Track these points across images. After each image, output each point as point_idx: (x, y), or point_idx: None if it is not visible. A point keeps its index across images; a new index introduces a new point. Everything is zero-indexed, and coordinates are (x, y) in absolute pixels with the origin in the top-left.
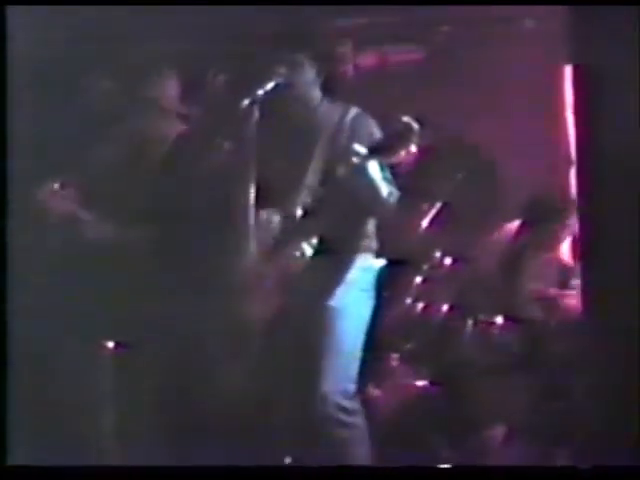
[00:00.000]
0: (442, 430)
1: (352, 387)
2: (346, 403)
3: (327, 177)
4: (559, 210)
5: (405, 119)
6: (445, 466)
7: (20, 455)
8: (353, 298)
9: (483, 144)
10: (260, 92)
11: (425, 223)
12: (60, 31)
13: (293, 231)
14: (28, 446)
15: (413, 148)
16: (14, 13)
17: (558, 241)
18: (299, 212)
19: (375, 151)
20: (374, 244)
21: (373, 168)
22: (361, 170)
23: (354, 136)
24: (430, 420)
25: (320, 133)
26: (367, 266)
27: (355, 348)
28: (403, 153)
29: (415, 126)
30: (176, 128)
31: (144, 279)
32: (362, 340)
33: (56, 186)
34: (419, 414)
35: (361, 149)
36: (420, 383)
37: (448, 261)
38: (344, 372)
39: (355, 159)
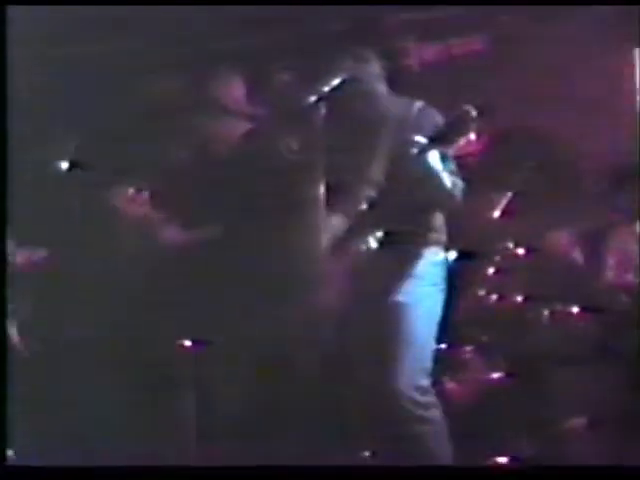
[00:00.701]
0: (519, 422)
1: (426, 382)
2: (421, 398)
3: (392, 170)
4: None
5: (463, 107)
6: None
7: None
8: (424, 293)
9: (552, 131)
10: (326, 88)
11: (496, 213)
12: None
13: (360, 225)
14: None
15: (472, 136)
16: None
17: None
18: (365, 206)
19: (435, 140)
20: (443, 237)
21: (434, 159)
22: (422, 161)
23: (418, 129)
24: (506, 412)
25: (386, 127)
26: (437, 260)
27: (428, 342)
28: (463, 141)
29: (473, 113)
30: (242, 127)
31: (218, 277)
32: (435, 334)
33: (131, 191)
34: (495, 406)
35: (421, 139)
36: (495, 375)
37: (521, 251)
38: (418, 367)
39: (416, 150)
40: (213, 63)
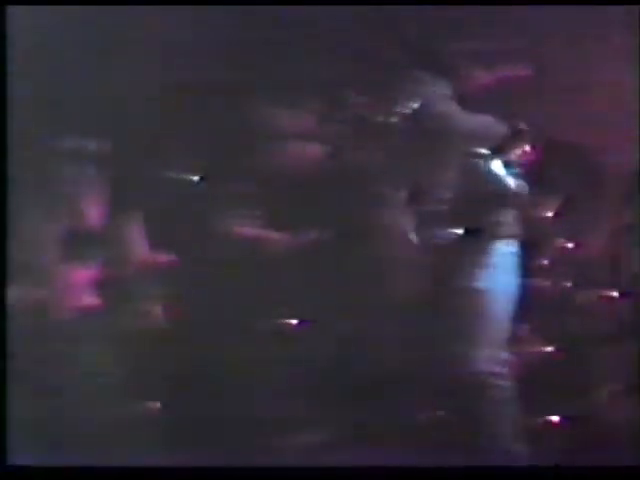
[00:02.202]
0: (567, 389)
1: (500, 354)
2: (496, 369)
3: (464, 176)
4: None
5: (519, 125)
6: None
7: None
8: (497, 280)
9: (594, 145)
10: (400, 109)
11: (550, 213)
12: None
13: (440, 223)
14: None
15: (527, 147)
16: (14, 13)
17: None
18: (444, 207)
19: (497, 151)
20: (512, 231)
21: (497, 165)
22: (488, 168)
23: (485, 139)
24: (556, 380)
25: (456, 140)
26: (507, 251)
27: (502, 321)
28: (520, 152)
29: (526, 129)
30: (325, 147)
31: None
32: (507, 314)
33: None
34: (547, 376)
35: (485, 150)
36: (548, 349)
37: (570, 245)
38: (494, 342)
39: (482, 159)
40: (293, 90)
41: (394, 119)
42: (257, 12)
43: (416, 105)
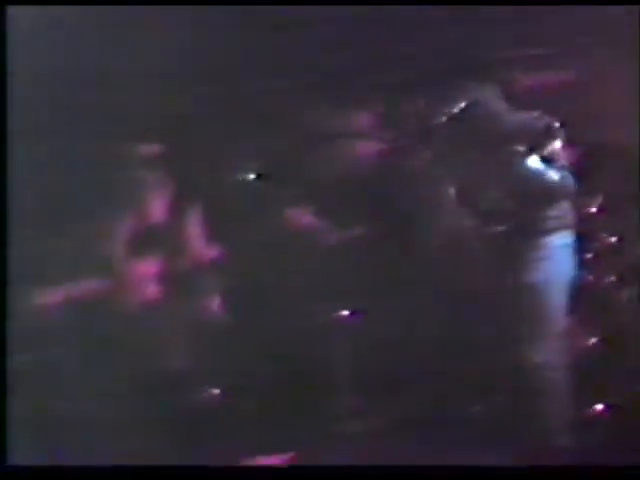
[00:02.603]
0: (609, 378)
1: (553, 345)
2: (548, 360)
3: (513, 172)
4: None
5: (561, 124)
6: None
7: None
8: (549, 272)
9: (633, 144)
10: (452, 111)
11: (594, 209)
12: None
13: (492, 219)
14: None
15: (558, 143)
16: (14, 13)
17: None
18: (494, 205)
19: (534, 148)
20: (565, 223)
21: (540, 161)
22: (533, 166)
23: (528, 139)
24: (599, 370)
25: (505, 138)
26: (560, 243)
27: (554, 313)
28: (553, 148)
29: (556, 125)
30: (379, 147)
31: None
32: (561, 306)
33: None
34: (589, 365)
35: (523, 147)
36: (591, 341)
37: (613, 240)
38: (545, 334)
39: (525, 155)
40: (352, 94)
41: (443, 120)
42: (313, 14)
43: (464, 107)
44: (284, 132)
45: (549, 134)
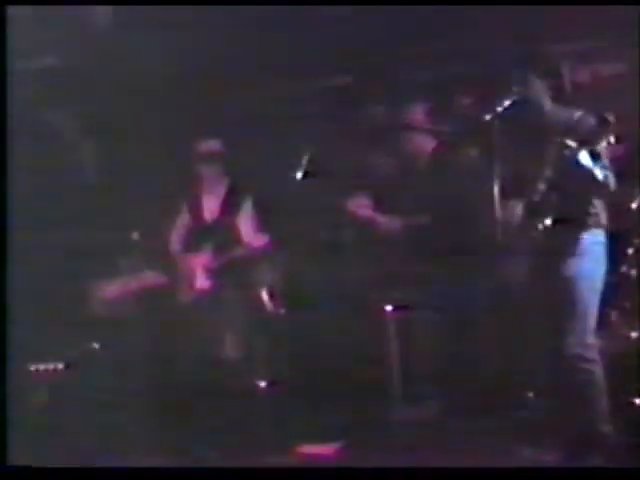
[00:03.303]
0: None
1: (591, 340)
2: (586, 353)
3: (557, 168)
4: None
5: (608, 119)
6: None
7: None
8: (587, 268)
9: None
10: (500, 108)
11: (634, 205)
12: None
13: (533, 214)
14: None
15: (612, 138)
16: (14, 13)
17: None
18: (537, 197)
19: (584, 142)
20: (602, 221)
21: (585, 157)
22: (576, 159)
23: (577, 133)
24: None
25: (551, 133)
26: (597, 240)
27: (591, 308)
28: (605, 142)
29: (611, 119)
30: (431, 142)
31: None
32: (596, 301)
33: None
34: (631, 358)
35: (573, 143)
36: (634, 334)
37: None
38: (584, 328)
39: (570, 151)
40: (407, 92)
41: (494, 116)
42: (365, 14)
43: (514, 102)
44: (347, 126)
45: (598, 130)
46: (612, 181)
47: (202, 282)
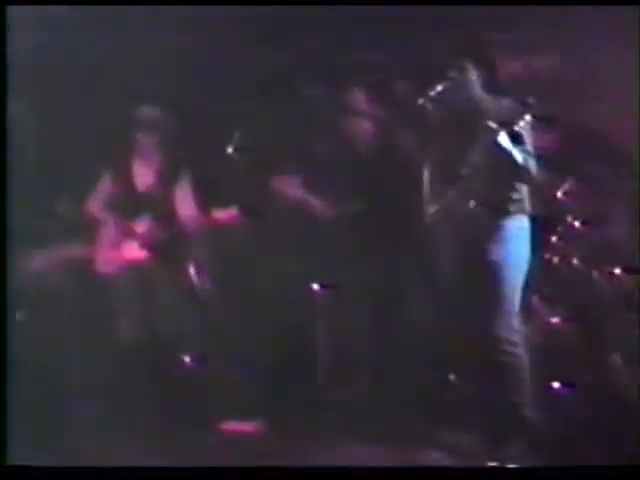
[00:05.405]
0: (573, 356)
1: (515, 323)
2: (511, 336)
3: (482, 153)
4: None
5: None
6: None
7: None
8: (511, 253)
9: (611, 131)
10: (434, 92)
11: (559, 194)
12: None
13: (460, 197)
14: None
15: (528, 118)
16: (14, 13)
17: None
18: (463, 183)
19: (503, 124)
20: (526, 207)
21: (504, 139)
22: (496, 142)
23: (505, 123)
24: (563, 348)
25: (480, 120)
26: (520, 226)
27: (515, 292)
28: (522, 123)
29: (531, 101)
30: (368, 125)
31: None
32: (520, 286)
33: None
34: (555, 344)
35: (494, 124)
36: (555, 320)
37: (577, 224)
38: (509, 312)
39: (491, 134)
40: (346, 75)
41: (426, 100)
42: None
43: (444, 88)
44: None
45: (519, 113)
46: (533, 165)
47: (134, 252)
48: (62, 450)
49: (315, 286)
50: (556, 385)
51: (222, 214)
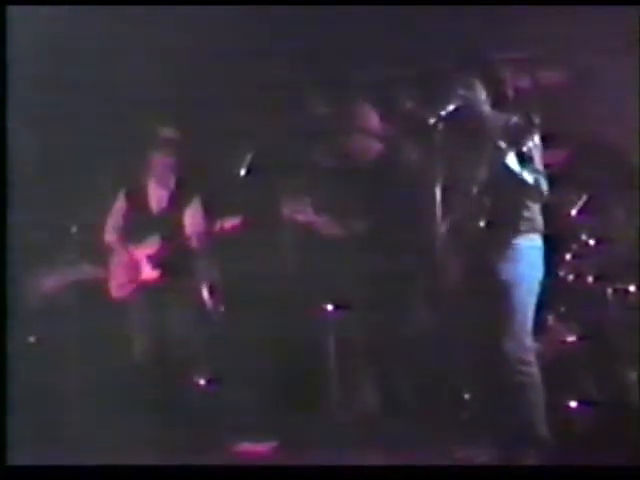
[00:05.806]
0: (589, 374)
1: (529, 342)
2: (523, 356)
3: (491, 171)
4: None
5: (530, 116)
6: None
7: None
8: (523, 271)
9: (620, 144)
10: (443, 112)
11: (574, 212)
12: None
13: (471, 216)
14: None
15: (537, 139)
16: (14, 13)
17: None
18: (474, 201)
19: (512, 144)
20: (538, 226)
21: (512, 160)
22: (505, 162)
23: (511, 138)
24: (579, 366)
25: (489, 138)
26: (532, 244)
27: (528, 311)
28: (530, 143)
29: (535, 120)
30: (376, 144)
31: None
32: (533, 305)
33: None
34: (570, 363)
35: (503, 144)
36: (571, 338)
37: (592, 242)
38: (521, 331)
39: (500, 154)
40: (353, 93)
41: (437, 119)
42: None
43: (455, 107)
44: (287, 127)
45: (526, 132)
46: (544, 185)
47: (148, 273)
48: None
49: (329, 306)
50: (573, 404)
51: (228, 224)
